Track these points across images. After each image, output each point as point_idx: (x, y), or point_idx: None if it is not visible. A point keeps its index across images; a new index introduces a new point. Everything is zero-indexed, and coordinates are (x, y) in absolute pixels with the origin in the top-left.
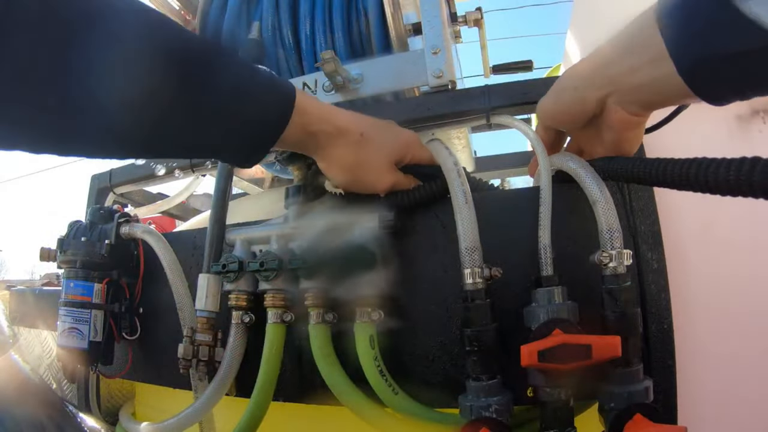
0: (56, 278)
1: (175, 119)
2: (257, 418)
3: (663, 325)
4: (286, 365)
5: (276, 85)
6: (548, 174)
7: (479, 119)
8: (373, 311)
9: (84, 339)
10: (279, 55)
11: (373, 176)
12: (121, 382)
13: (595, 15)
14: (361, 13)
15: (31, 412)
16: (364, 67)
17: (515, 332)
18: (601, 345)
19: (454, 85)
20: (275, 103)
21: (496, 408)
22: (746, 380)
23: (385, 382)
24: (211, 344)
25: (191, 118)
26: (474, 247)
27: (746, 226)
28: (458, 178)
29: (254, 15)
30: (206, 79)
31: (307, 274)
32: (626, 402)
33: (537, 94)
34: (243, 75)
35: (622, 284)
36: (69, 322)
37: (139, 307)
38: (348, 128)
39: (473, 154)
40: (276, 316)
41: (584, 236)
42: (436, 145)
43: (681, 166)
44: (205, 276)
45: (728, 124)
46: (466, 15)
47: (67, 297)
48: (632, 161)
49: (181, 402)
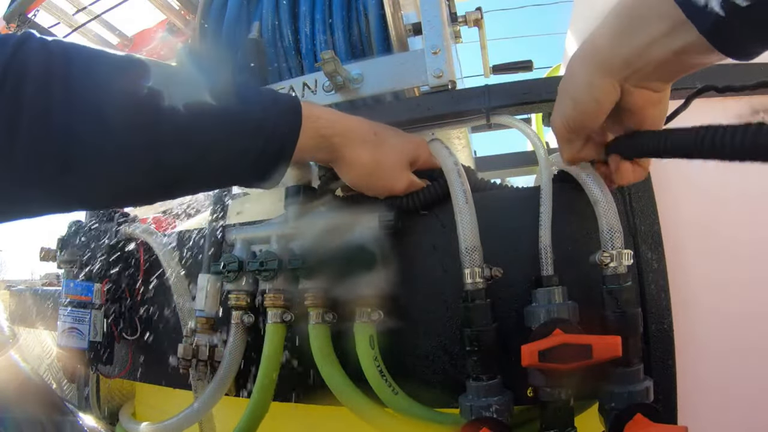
0: (56, 278)
1: (192, 168)
2: (257, 418)
3: (663, 325)
4: (286, 365)
5: (278, 97)
6: (548, 174)
7: (479, 119)
8: (373, 311)
9: (84, 339)
10: (279, 55)
11: (391, 176)
12: (121, 382)
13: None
14: (361, 13)
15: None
16: (364, 67)
17: (516, 332)
18: (602, 345)
19: (454, 85)
20: (283, 114)
21: (497, 408)
22: (746, 380)
23: (384, 383)
24: (211, 344)
25: (210, 159)
26: (474, 247)
27: (746, 226)
28: (458, 178)
29: (254, 15)
30: (216, 123)
31: (307, 274)
32: (627, 402)
33: (537, 94)
34: (248, 97)
35: (623, 284)
36: (69, 322)
37: (139, 307)
38: (361, 128)
39: (473, 154)
40: (276, 316)
41: (585, 236)
42: (436, 145)
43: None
44: (205, 276)
45: (728, 124)
46: (466, 15)
47: (67, 297)
48: (658, 135)
49: (181, 402)
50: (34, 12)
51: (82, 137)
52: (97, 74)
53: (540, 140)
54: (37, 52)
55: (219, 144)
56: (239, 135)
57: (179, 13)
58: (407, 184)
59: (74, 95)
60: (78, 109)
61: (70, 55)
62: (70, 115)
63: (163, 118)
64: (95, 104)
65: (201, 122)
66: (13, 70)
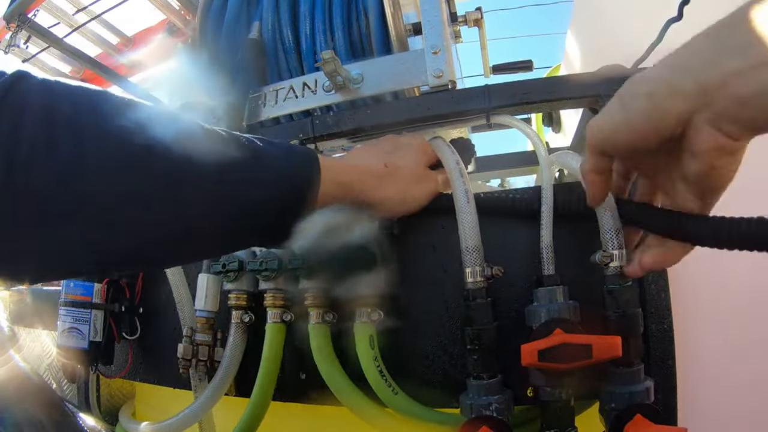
0: None
1: (210, 231)
2: (257, 418)
3: (663, 325)
4: (286, 365)
5: (293, 149)
6: (549, 174)
7: (479, 119)
8: (373, 311)
9: (84, 339)
10: (279, 55)
11: (420, 192)
12: (121, 382)
13: (595, 15)
14: (361, 13)
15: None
16: (364, 67)
17: (516, 331)
18: (602, 345)
19: (454, 85)
20: (301, 163)
21: (497, 407)
22: (746, 380)
23: (384, 382)
24: (210, 344)
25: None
26: (475, 246)
27: None
28: (460, 177)
29: (254, 15)
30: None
31: (307, 274)
32: (627, 402)
33: (537, 94)
34: (263, 148)
35: (624, 284)
36: (69, 322)
37: (139, 307)
38: (373, 165)
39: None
40: (276, 316)
41: (585, 236)
42: (438, 143)
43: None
44: (204, 276)
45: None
46: (466, 15)
47: (67, 297)
48: (670, 217)
49: (181, 402)
50: (34, 12)
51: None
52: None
53: (540, 140)
54: (37, 88)
55: (238, 198)
56: (259, 187)
57: (179, 13)
58: (432, 190)
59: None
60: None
61: (76, 97)
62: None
63: (179, 171)
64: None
65: (222, 176)
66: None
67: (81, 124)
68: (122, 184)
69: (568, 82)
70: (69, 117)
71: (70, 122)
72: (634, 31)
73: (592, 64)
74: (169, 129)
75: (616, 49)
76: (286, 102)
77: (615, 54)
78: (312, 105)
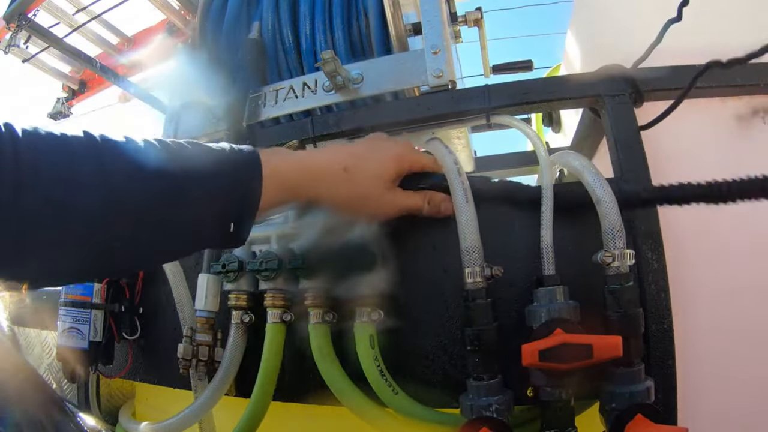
0: None
1: (155, 237)
2: (257, 418)
3: (663, 325)
4: (286, 365)
5: (232, 159)
6: (550, 173)
7: (479, 119)
8: (373, 311)
9: (84, 339)
10: (279, 55)
11: (374, 206)
12: (121, 382)
13: (595, 15)
14: (361, 13)
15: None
16: (364, 67)
17: (516, 331)
18: (602, 345)
19: (454, 85)
20: (236, 178)
21: (497, 407)
22: (746, 380)
23: (385, 382)
24: (210, 344)
25: (173, 229)
26: (474, 247)
27: (746, 226)
28: (458, 177)
29: (254, 15)
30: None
31: (307, 274)
32: (627, 402)
33: (537, 94)
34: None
35: (625, 284)
36: (69, 322)
37: (139, 307)
38: (329, 168)
39: (473, 154)
40: (276, 316)
41: (586, 236)
42: (435, 144)
43: None
44: (205, 276)
45: (728, 124)
46: (466, 15)
47: (66, 297)
48: None
49: (181, 402)
50: (34, 12)
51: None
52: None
53: (540, 140)
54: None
55: (171, 223)
56: (189, 210)
57: (179, 13)
58: (397, 208)
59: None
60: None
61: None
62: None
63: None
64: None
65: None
66: None
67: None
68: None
69: (568, 82)
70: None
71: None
72: (634, 31)
73: (592, 64)
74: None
75: (616, 49)
76: (286, 102)
77: (615, 54)
78: (312, 105)
